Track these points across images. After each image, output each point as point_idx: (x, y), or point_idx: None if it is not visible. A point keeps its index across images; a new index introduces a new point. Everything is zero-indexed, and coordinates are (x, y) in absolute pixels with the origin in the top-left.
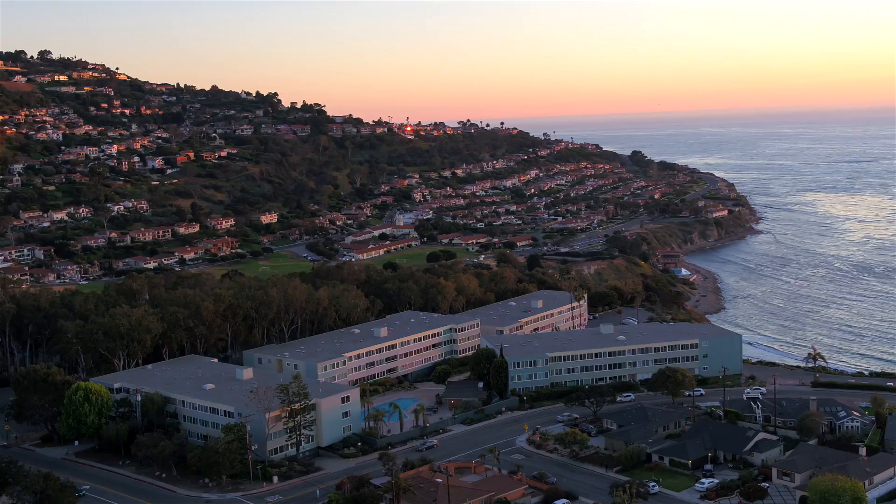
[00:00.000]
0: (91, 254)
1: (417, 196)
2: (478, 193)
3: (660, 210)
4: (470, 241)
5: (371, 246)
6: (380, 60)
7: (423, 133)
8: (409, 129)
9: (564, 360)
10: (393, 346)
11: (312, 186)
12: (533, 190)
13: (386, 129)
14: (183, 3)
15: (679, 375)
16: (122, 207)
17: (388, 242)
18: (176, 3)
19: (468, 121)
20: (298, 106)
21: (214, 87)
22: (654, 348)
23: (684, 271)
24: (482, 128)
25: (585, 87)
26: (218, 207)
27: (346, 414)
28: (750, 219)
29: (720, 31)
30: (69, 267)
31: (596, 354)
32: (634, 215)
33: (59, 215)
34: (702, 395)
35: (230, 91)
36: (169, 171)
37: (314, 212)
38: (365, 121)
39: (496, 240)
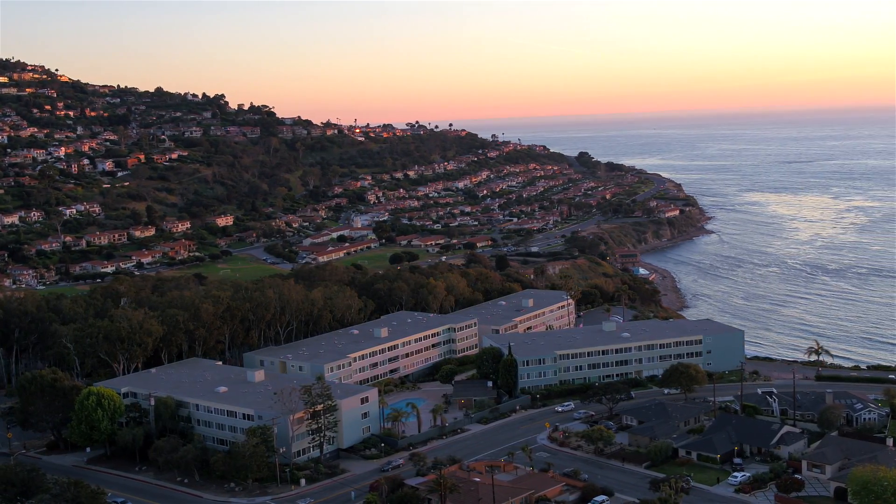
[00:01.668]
0: (46, 258)
1: (371, 198)
2: (431, 195)
3: (613, 210)
4: (429, 243)
5: (330, 248)
6: (326, 62)
7: (372, 135)
8: (358, 130)
9: (573, 357)
10: (395, 347)
11: (265, 188)
12: (485, 191)
13: (336, 131)
14: (123, 3)
15: (692, 371)
16: (74, 211)
17: (346, 244)
18: (115, 4)
19: (417, 122)
20: (246, 108)
21: (159, 89)
22: (660, 345)
23: (642, 270)
24: (431, 129)
25: (529, 89)
26: (172, 210)
27: (364, 415)
28: (700, 218)
29: (655, 35)
30: (24, 271)
31: (603, 352)
32: (588, 216)
33: (10, 219)
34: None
35: (176, 93)
36: (120, 174)
37: (269, 214)
38: (314, 122)
39: (455, 241)
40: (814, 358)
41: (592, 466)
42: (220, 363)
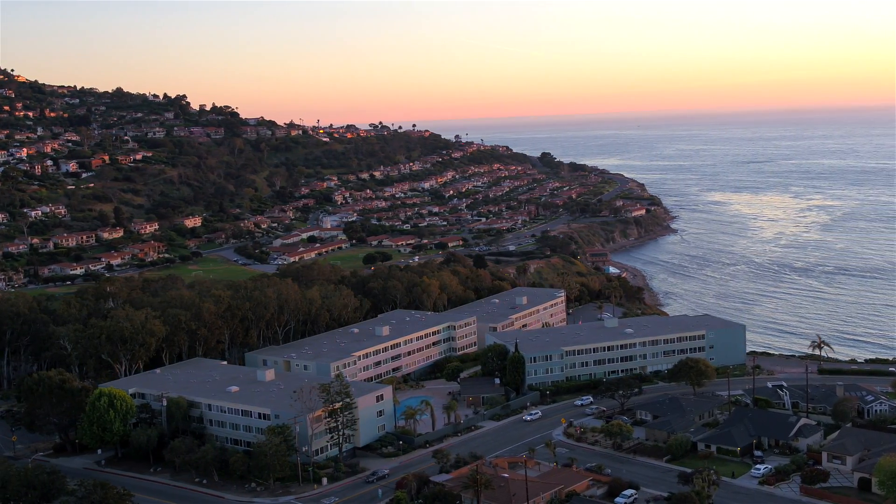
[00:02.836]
0: (14, 260)
1: (339, 198)
2: (397, 195)
3: (580, 210)
4: (400, 243)
5: (301, 249)
6: (287, 63)
7: (336, 136)
8: (321, 131)
9: (579, 353)
10: (397, 345)
11: (232, 189)
12: (451, 191)
13: (300, 132)
14: (79, 3)
15: (701, 365)
16: (39, 213)
17: (317, 245)
18: (72, 4)
19: (380, 123)
20: (208, 108)
21: (119, 89)
22: (664, 340)
23: (613, 269)
24: (395, 130)
25: (487, 90)
26: (138, 212)
27: (380, 413)
28: (666, 217)
29: (609, 38)
30: None
31: (608, 348)
32: (555, 215)
33: None
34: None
35: (136, 93)
36: (84, 175)
37: (237, 215)
38: (278, 123)
39: (426, 241)
40: (815, 352)
41: (613, 461)
42: (225, 363)
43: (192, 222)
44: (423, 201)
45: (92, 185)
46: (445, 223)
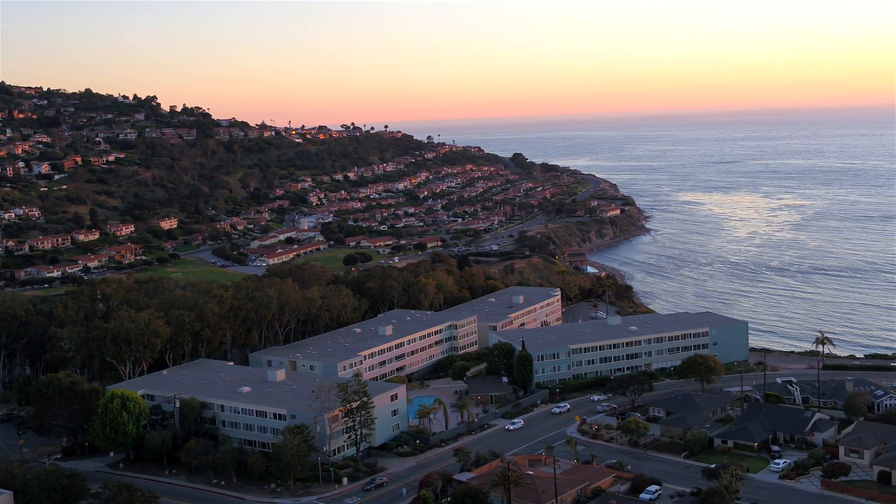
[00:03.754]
0: None
1: (314, 199)
2: (372, 196)
3: (556, 210)
4: (378, 244)
5: (280, 250)
6: (258, 64)
7: (309, 136)
8: (293, 132)
9: (585, 351)
10: (401, 345)
11: (206, 191)
12: (426, 192)
13: (273, 133)
14: (45, 3)
15: (710, 362)
16: (12, 215)
17: (295, 246)
18: (37, 4)
19: (352, 124)
20: (179, 109)
21: (88, 90)
22: (668, 337)
23: (591, 269)
24: (367, 131)
25: (457, 91)
26: (113, 213)
27: (394, 412)
28: (640, 217)
29: (574, 39)
30: None
31: (614, 345)
32: (531, 216)
33: None
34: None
35: (106, 94)
36: (57, 177)
37: (213, 216)
38: (250, 124)
39: (404, 242)
40: (818, 348)
41: (630, 457)
42: (232, 364)
43: (168, 224)
44: (399, 202)
45: (65, 186)
46: (422, 224)
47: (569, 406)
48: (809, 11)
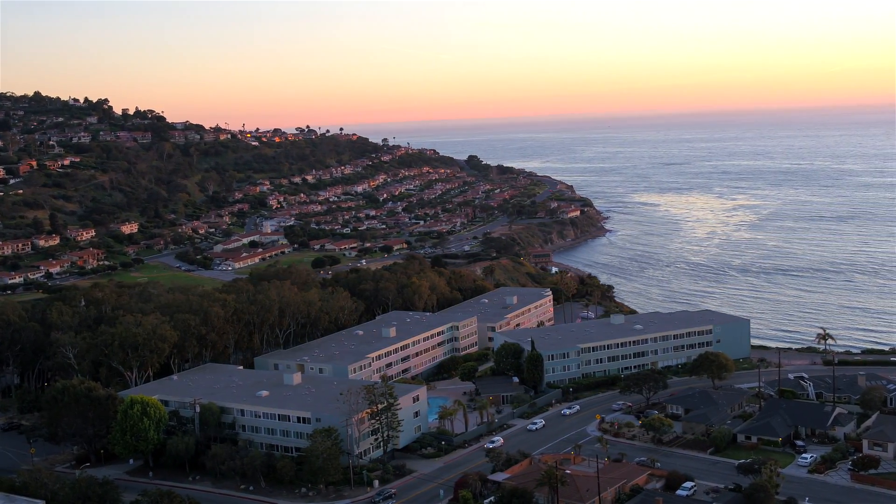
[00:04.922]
0: None
1: (273, 203)
2: (332, 199)
3: (517, 212)
4: (343, 247)
5: (244, 254)
6: (210, 67)
7: (265, 139)
8: (248, 135)
9: (594, 350)
10: (406, 346)
11: (165, 195)
12: (385, 195)
13: (229, 136)
14: None
15: (722, 359)
16: None
17: (260, 250)
18: None
19: (307, 127)
20: (132, 112)
21: (37, 94)
22: (674, 335)
23: (555, 269)
24: (322, 134)
25: (407, 93)
26: (71, 218)
27: (416, 414)
28: (599, 219)
29: (519, 42)
30: None
31: (621, 344)
32: (492, 217)
33: None
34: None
35: (56, 97)
36: (12, 182)
37: (173, 221)
38: (206, 127)
39: (370, 244)
40: (819, 344)
41: (656, 455)
42: (241, 368)
43: (129, 228)
44: (359, 205)
45: (21, 191)
46: (384, 226)
47: (578, 407)
48: (751, 14)
